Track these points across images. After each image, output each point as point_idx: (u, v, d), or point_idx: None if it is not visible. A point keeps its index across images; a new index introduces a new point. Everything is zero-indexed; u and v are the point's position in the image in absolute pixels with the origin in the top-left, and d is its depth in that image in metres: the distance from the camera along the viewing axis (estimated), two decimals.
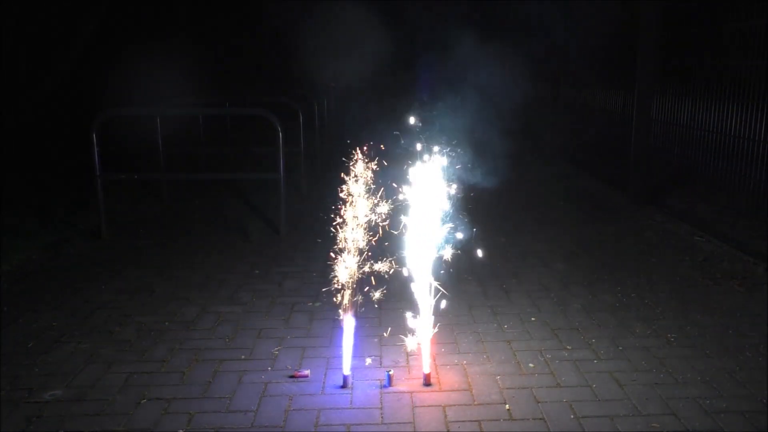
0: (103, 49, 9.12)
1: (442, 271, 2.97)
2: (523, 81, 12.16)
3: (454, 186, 2.91)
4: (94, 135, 5.36)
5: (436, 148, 2.89)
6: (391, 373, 3.00)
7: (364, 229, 2.87)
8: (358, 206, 2.84)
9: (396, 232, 2.90)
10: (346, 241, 2.85)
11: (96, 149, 5.37)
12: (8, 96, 7.56)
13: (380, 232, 2.87)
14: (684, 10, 6.22)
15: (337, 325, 3.46)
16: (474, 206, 6.62)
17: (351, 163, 2.83)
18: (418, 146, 2.89)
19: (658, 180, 6.67)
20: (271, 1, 12.61)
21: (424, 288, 2.95)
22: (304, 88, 10.31)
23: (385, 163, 3.00)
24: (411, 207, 2.90)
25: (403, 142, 3.00)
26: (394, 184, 2.90)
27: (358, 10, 10.12)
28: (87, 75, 8.93)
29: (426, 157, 2.89)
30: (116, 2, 8.50)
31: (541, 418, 2.70)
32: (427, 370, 2.99)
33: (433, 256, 2.91)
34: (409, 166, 2.92)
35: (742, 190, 5.28)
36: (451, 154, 2.90)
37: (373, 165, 2.88)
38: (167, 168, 6.84)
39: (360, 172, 2.84)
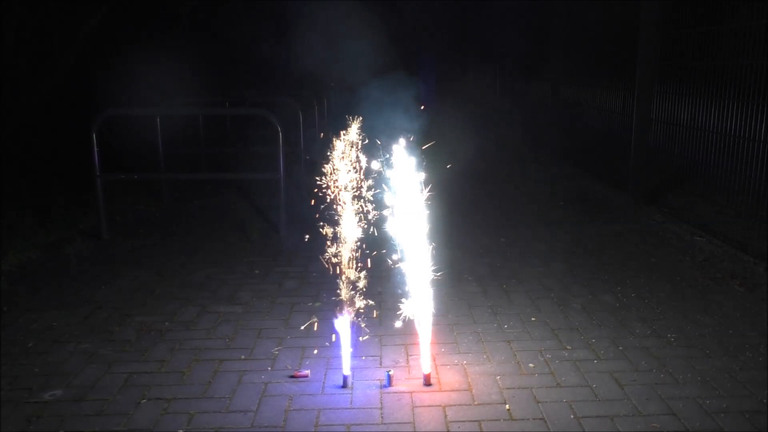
0: (103, 48, 9.12)
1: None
2: (521, 81, 12.18)
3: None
4: (94, 135, 5.36)
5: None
6: (391, 373, 3.00)
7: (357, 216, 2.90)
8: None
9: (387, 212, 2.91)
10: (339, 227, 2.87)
11: (96, 149, 5.38)
12: (8, 96, 7.56)
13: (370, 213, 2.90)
14: (683, 9, 6.21)
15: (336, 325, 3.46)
16: (473, 206, 6.66)
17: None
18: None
19: (658, 180, 6.67)
20: (272, 1, 12.62)
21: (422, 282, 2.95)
22: (305, 88, 10.31)
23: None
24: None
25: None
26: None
27: (358, 10, 10.13)
28: (87, 74, 8.93)
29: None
30: (117, 2, 8.50)
31: (541, 418, 2.70)
32: (427, 370, 2.99)
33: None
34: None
35: (742, 190, 5.27)
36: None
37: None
38: (167, 168, 6.83)
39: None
